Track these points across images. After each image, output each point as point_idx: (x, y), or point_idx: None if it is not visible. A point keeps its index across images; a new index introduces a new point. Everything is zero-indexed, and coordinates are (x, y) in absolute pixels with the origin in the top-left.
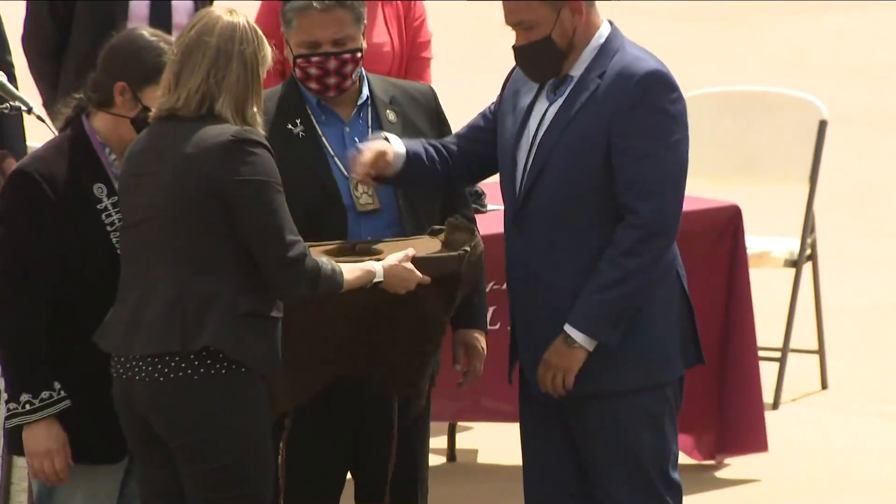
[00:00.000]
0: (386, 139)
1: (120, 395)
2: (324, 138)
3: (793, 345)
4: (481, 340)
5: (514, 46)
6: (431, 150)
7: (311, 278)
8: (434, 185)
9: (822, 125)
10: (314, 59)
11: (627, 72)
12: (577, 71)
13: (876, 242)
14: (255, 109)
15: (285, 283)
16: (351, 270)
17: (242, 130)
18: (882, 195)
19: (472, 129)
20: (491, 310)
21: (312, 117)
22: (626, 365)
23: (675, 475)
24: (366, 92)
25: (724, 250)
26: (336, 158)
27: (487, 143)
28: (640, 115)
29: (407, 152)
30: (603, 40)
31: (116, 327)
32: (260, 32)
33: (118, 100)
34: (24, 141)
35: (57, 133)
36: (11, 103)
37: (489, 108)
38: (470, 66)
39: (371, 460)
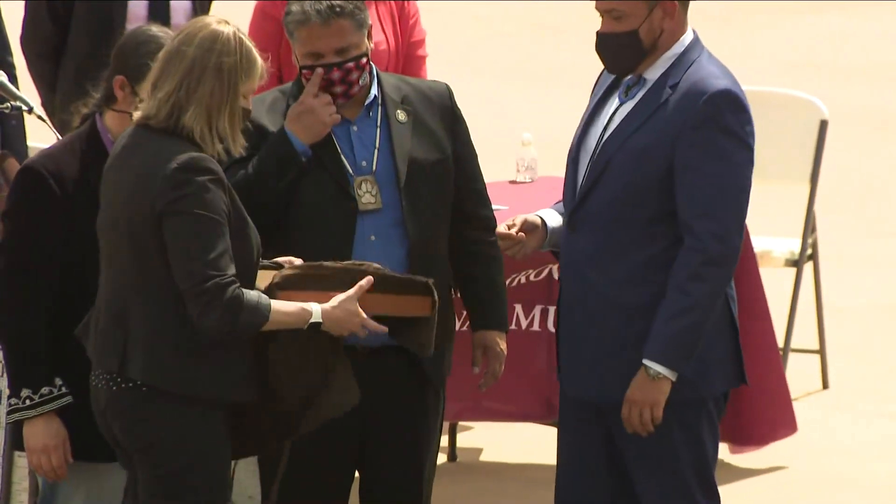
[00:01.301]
0: (540, 218)
1: (94, 399)
2: (332, 137)
3: (794, 344)
4: (501, 342)
5: (597, 32)
6: None
7: (229, 311)
8: None
9: (823, 125)
10: (318, 69)
11: (698, 88)
12: (652, 74)
13: (876, 242)
14: (226, 123)
15: (196, 312)
16: (284, 306)
17: (191, 159)
18: (882, 195)
19: None
20: None
21: None
22: None
23: (714, 480)
24: (374, 91)
25: None
26: (342, 156)
27: None
28: (706, 134)
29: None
30: (683, 48)
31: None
32: (248, 44)
33: (119, 95)
34: (25, 141)
35: (57, 133)
36: (12, 103)
37: None
38: (469, 66)
39: (376, 460)
